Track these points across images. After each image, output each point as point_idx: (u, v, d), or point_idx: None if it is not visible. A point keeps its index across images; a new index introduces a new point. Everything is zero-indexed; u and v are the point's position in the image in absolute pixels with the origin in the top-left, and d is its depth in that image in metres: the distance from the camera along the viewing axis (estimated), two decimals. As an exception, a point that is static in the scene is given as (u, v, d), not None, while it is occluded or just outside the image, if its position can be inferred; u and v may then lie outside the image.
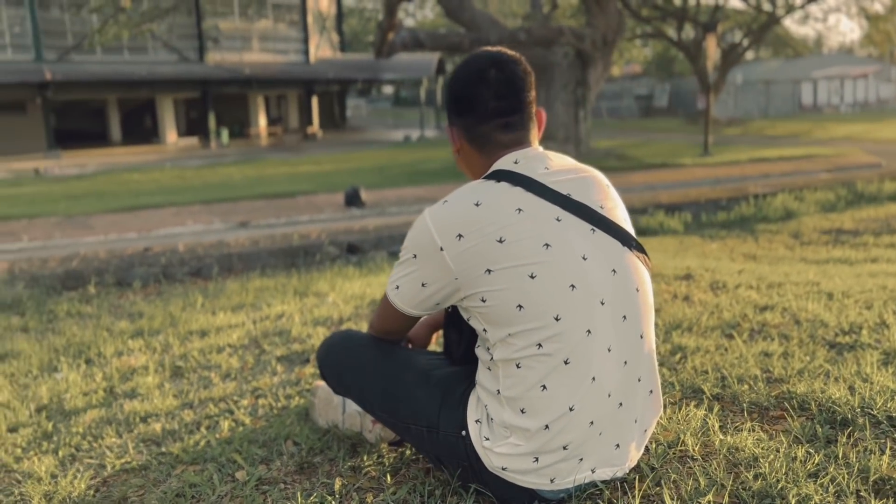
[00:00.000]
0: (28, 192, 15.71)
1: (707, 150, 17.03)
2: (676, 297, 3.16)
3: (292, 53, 24.51)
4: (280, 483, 1.84)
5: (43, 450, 2.20)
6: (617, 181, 7.24)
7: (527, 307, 1.49)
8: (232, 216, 11.15)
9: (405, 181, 15.65)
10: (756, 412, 1.98)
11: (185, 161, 19.31)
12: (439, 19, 33.82)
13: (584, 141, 17.94)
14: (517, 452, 1.55)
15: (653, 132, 24.75)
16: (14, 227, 11.35)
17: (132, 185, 15.83)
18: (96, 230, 10.49)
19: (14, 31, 20.21)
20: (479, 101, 1.62)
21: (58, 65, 20.24)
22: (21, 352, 3.41)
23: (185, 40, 22.43)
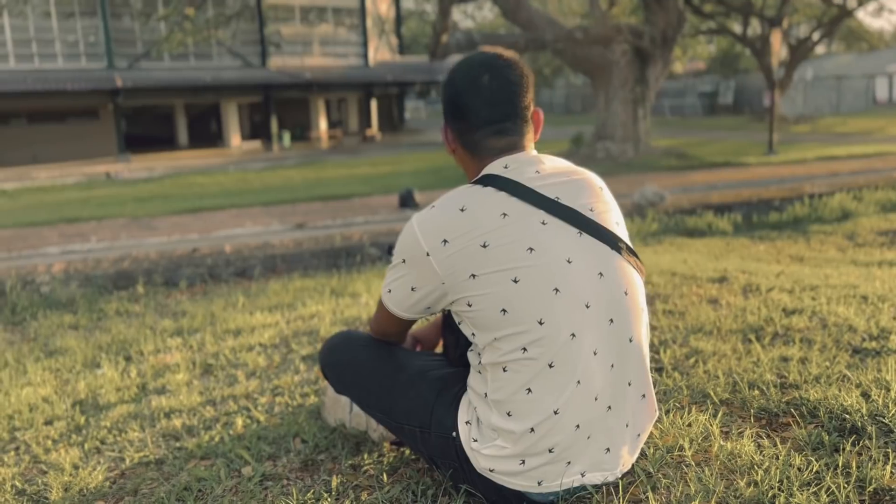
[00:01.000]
0: (99, 194, 16.37)
1: (772, 149, 16.54)
2: (704, 300, 3.10)
3: (352, 57, 24.87)
4: (283, 479, 1.89)
5: (71, 442, 2.31)
6: (676, 181, 7.29)
7: (510, 311, 1.50)
8: (289, 218, 11.39)
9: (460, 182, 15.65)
10: (765, 418, 1.93)
11: (248, 164, 19.81)
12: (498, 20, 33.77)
13: (643, 140, 17.66)
14: (504, 454, 1.56)
15: (716, 130, 24.18)
16: (84, 228, 11.84)
17: (196, 187, 16.32)
18: (160, 231, 10.87)
19: (88, 40, 21.09)
20: (470, 109, 1.63)
21: (128, 72, 21.02)
22: (68, 348, 3.58)
23: (249, 46, 23.00)
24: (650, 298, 3.21)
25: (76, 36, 20.97)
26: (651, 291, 3.31)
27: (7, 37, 20.21)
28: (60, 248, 10.28)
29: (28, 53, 20.52)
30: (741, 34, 25.23)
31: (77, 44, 21.02)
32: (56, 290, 4.67)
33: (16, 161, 20.86)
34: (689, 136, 22.22)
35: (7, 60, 20.24)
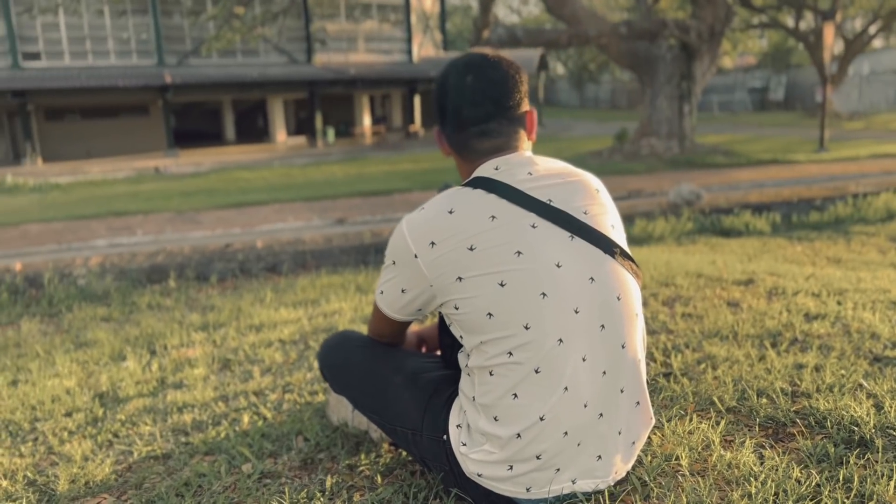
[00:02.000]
0: (147, 189, 16.76)
1: (823, 146, 16.11)
2: (726, 303, 3.02)
3: (396, 53, 24.96)
4: (282, 477, 1.91)
5: (86, 434, 2.37)
6: (721, 178, 7.15)
7: (496, 315, 1.49)
8: (330, 213, 11.50)
9: (501, 178, 15.63)
10: (771, 427, 1.88)
11: (293, 159, 20.06)
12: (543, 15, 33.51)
13: (689, 136, 17.36)
14: (491, 460, 1.54)
15: (766, 127, 23.63)
16: (131, 221, 12.14)
17: (241, 182, 16.58)
18: (204, 226, 11.09)
19: (139, 37, 21.58)
20: (454, 110, 1.61)
21: (177, 69, 21.46)
22: (98, 341, 3.67)
23: (294, 43, 23.27)
24: (670, 300, 3.15)
25: (128, 33, 21.48)
26: (673, 293, 3.24)
27: (62, 34, 20.80)
28: (107, 241, 10.55)
29: (82, 51, 21.09)
30: (793, 28, 24.58)
31: (129, 41, 21.53)
32: (92, 283, 4.80)
33: (70, 155, 21.49)
34: (737, 133, 21.76)
35: (62, 57, 20.84)
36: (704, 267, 3.82)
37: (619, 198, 11.51)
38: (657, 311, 2.97)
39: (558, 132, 25.70)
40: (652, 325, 2.79)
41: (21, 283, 4.80)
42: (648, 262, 4.09)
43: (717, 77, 31.69)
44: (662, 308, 3.03)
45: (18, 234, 11.38)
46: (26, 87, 19.48)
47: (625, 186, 13.12)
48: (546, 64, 25.76)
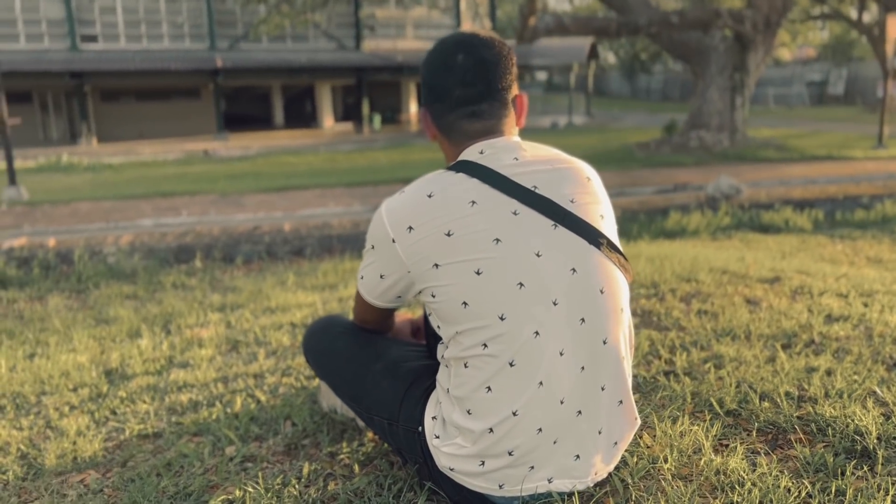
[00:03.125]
0: (195, 171, 17.04)
1: (882, 143, 15.52)
2: (745, 302, 2.91)
3: (442, 40, 24.86)
4: (264, 462, 1.89)
5: (85, 410, 2.39)
6: (771, 173, 6.93)
7: (471, 305, 1.43)
8: (371, 199, 11.52)
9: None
10: (770, 433, 1.79)
11: (338, 145, 20.17)
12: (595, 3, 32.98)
13: (740, 129, 16.90)
14: (463, 454, 1.49)
15: (823, 122, 22.88)
16: (176, 202, 12.36)
17: (286, 166, 16.76)
18: (247, 208, 11.22)
19: (192, 21, 21.93)
20: (444, 89, 1.55)
21: (228, 53, 21.75)
22: (118, 318, 3.72)
23: (344, 28, 23.37)
24: (688, 296, 3.04)
25: (182, 17, 21.84)
26: (693, 290, 3.13)
27: (119, 18, 21.26)
28: (152, 221, 10.76)
29: (137, 34, 21.53)
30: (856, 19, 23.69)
31: (182, 25, 21.90)
32: (121, 262, 4.88)
33: (124, 136, 22.00)
34: (791, 127, 21.13)
35: (118, 40, 21.31)
36: (731, 263, 3.69)
37: (663, 190, 11.31)
38: (672, 307, 2.86)
39: (607, 123, 25.31)
40: (664, 322, 2.70)
41: (53, 258, 4.90)
42: (674, 257, 3.97)
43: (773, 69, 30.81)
44: (679, 304, 2.92)
45: (69, 211, 11.69)
46: (83, 68, 19.98)
47: (671, 179, 12.85)
48: (597, 53, 25.36)
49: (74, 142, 21.37)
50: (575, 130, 22.60)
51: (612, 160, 16.47)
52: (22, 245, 5.15)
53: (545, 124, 23.90)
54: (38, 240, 5.51)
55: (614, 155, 17.45)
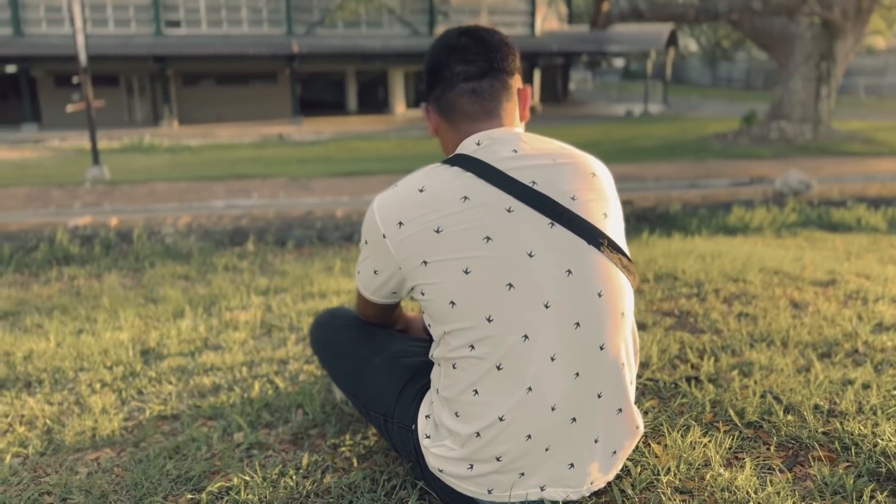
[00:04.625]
0: (268, 154, 17.41)
1: (981, 137, 14.56)
2: (791, 305, 2.75)
3: (519, 26, 24.58)
4: (269, 450, 1.90)
5: (115, 388, 2.45)
6: (855, 168, 6.63)
7: (459, 304, 1.39)
8: (433, 186, 11.51)
9: (615, 158, 15.19)
10: (791, 449, 1.68)
11: (408, 131, 20.25)
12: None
13: (825, 121, 16.14)
14: (452, 456, 1.46)
15: (918, 114, 21.62)
16: (248, 185, 12.65)
17: (356, 152, 16.93)
18: (315, 193, 11.40)
19: (270, 6, 22.34)
20: (446, 67, 1.51)
21: (305, 38, 22.08)
22: (167, 297, 3.81)
23: (417, 14, 23.38)
24: (731, 298, 2.91)
25: (261, 2, 22.27)
26: (738, 290, 2.99)
27: (201, 3, 21.84)
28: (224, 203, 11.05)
29: (218, 19, 22.08)
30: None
31: (261, 10, 22.33)
32: (177, 242, 5.01)
33: (203, 119, 22.65)
34: (883, 120, 20.05)
35: (199, 25, 21.91)
36: (786, 263, 3.51)
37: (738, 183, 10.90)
38: (712, 309, 2.74)
39: (684, 112, 24.58)
40: (701, 324, 2.58)
41: (114, 237, 5.08)
42: (727, 255, 3.80)
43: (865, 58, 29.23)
44: (720, 306, 2.79)
45: (146, 191, 12.12)
46: (166, 53, 20.65)
47: (746, 171, 12.39)
48: (676, 40, 24.62)
49: (157, 124, 22.13)
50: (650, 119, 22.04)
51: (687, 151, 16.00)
52: (86, 223, 5.35)
53: (619, 113, 23.40)
54: (102, 218, 5.72)
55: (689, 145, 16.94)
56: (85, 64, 12.73)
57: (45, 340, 3.06)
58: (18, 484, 1.77)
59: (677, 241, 4.55)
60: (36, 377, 2.60)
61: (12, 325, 3.43)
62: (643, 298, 2.95)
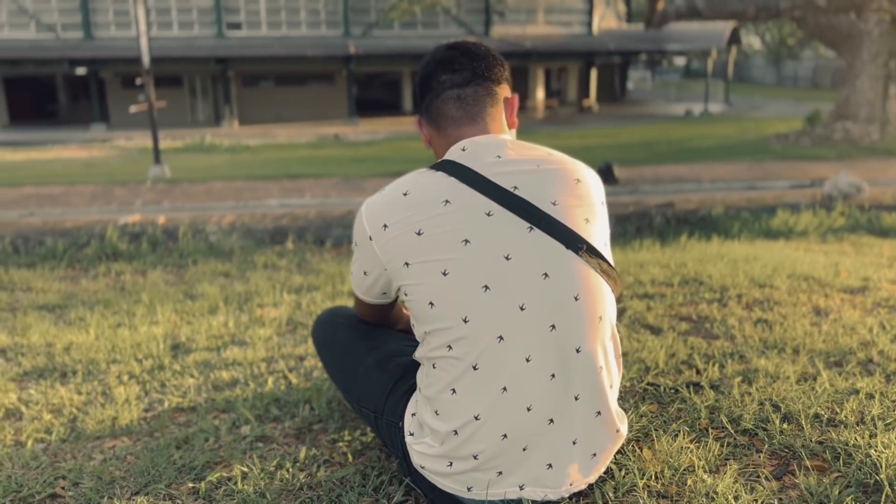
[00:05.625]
0: (323, 154, 17.72)
1: None
2: (813, 312, 2.70)
3: (576, 25, 24.40)
4: (273, 443, 1.97)
5: (140, 380, 2.56)
6: None
7: (437, 305, 1.43)
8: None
9: (670, 158, 14.98)
10: (784, 457, 1.66)
11: (463, 131, 20.31)
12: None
13: (893, 122, 15.58)
14: (432, 454, 1.50)
15: None
16: (302, 184, 12.91)
17: (409, 152, 17.09)
18: (366, 192, 11.56)
19: (328, 8, 22.72)
20: (433, 77, 1.58)
21: (361, 39, 22.39)
22: (204, 294, 3.95)
23: (473, 14, 23.44)
24: (753, 303, 2.86)
25: (319, 4, 22.67)
26: (762, 296, 2.94)
27: (261, 6, 22.35)
28: (278, 201, 11.31)
29: (277, 21, 22.57)
30: None
31: (319, 12, 22.74)
32: (220, 240, 5.17)
33: (262, 119, 23.17)
34: (956, 119, 19.15)
35: (260, 27, 22.43)
36: (819, 269, 3.43)
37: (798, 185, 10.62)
38: (730, 315, 2.71)
39: (745, 111, 24.01)
40: (715, 330, 2.56)
41: (161, 235, 5.27)
42: (759, 260, 3.73)
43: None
44: (740, 311, 2.76)
45: (204, 189, 12.49)
46: (228, 54, 21.21)
47: (807, 173, 12.05)
48: (738, 38, 24.04)
49: (218, 124, 22.73)
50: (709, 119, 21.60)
51: (745, 152, 15.65)
52: (136, 221, 5.57)
53: (678, 112, 23.00)
54: (151, 216, 5.94)
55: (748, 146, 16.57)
56: (148, 66, 13.18)
57: (85, 333, 3.21)
58: (37, 468, 1.88)
59: (714, 245, 4.48)
60: (71, 368, 2.74)
61: (58, 318, 3.61)
62: (663, 303, 2.93)
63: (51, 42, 21.58)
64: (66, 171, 15.39)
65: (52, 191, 12.32)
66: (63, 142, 20.44)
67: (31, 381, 2.62)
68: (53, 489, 1.76)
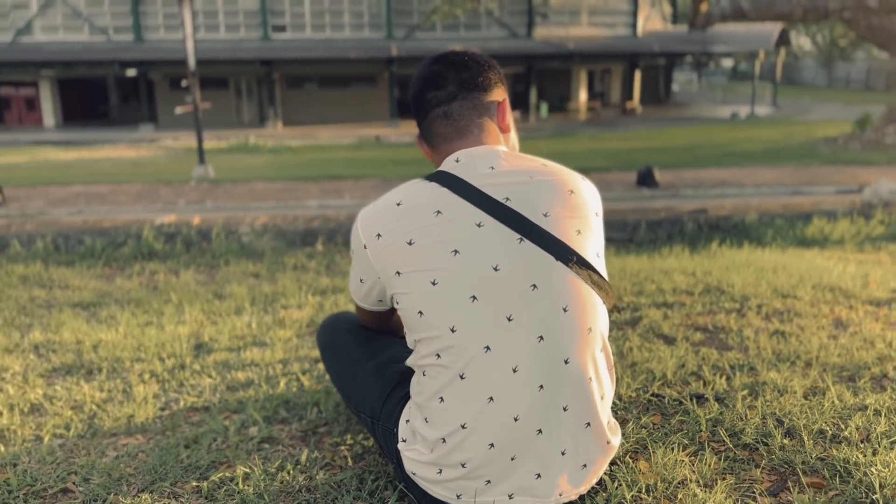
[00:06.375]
0: (364, 156, 17.88)
1: None
2: (833, 325, 2.64)
3: (620, 27, 24.17)
4: (279, 445, 2.01)
5: (161, 379, 2.64)
6: None
7: (426, 314, 1.45)
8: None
9: (713, 162, 14.77)
10: (783, 473, 1.64)
11: (503, 133, 20.29)
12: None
13: (947, 125, 15.07)
14: (422, 460, 1.53)
15: None
16: (341, 186, 13.06)
17: (454, 153, 17.09)
18: (402, 193, 11.62)
19: (371, 11, 22.91)
20: (420, 97, 1.61)
21: (403, 42, 22.53)
22: (232, 294, 4.03)
23: (516, 16, 23.39)
24: (771, 315, 2.82)
25: (362, 7, 22.88)
26: (783, 307, 2.89)
27: (306, 8, 22.65)
28: (317, 202, 11.46)
29: (321, 24, 22.85)
30: None
31: (362, 14, 22.95)
32: (252, 241, 5.27)
33: (306, 121, 23.48)
34: None
35: (304, 30, 22.73)
36: (847, 280, 3.35)
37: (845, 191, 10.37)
38: (746, 326, 2.67)
39: (794, 114, 23.49)
40: (730, 341, 2.52)
41: (195, 235, 5.39)
42: (786, 269, 3.67)
43: None
44: (758, 322, 2.71)
45: (246, 190, 12.72)
46: (272, 57, 21.55)
47: (855, 178, 11.78)
48: (787, 39, 23.54)
49: (262, 125, 23.10)
50: (756, 122, 21.20)
51: (791, 155, 15.35)
52: (171, 222, 5.71)
53: (724, 115, 22.62)
54: (186, 216, 6.08)
55: (795, 150, 16.24)
56: (193, 68, 13.46)
57: (114, 331, 3.31)
58: (52, 463, 1.96)
59: (743, 253, 4.41)
60: (97, 365, 2.83)
61: (91, 316, 3.72)
62: (681, 312, 2.90)
63: (103, 44, 22.19)
64: (115, 169, 15.82)
65: (100, 189, 12.68)
66: (113, 141, 21.02)
67: (59, 378, 2.72)
68: (65, 484, 1.82)
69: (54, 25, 22.44)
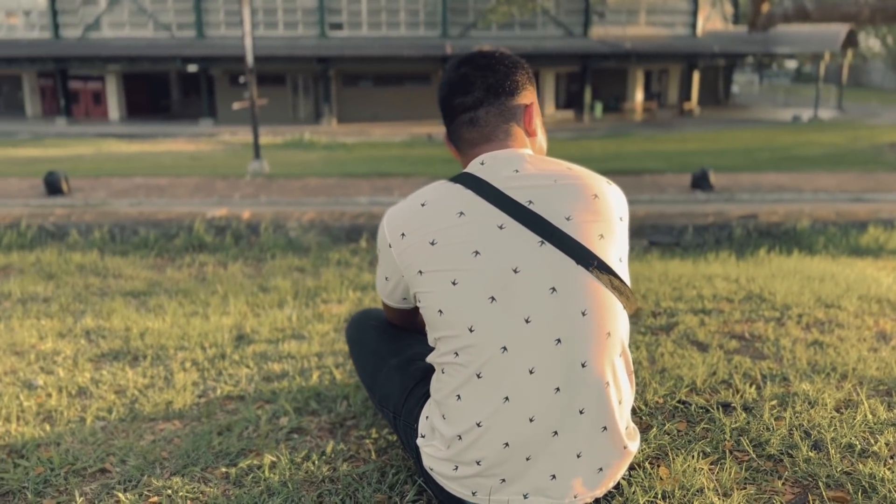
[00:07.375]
0: (415, 153, 17.99)
1: None
2: (875, 337, 2.57)
3: (679, 26, 23.77)
4: (307, 436, 2.07)
5: (201, 367, 2.72)
6: None
7: (446, 313, 1.48)
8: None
9: (771, 166, 14.43)
10: (807, 485, 1.62)
11: (556, 133, 20.18)
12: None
13: None
14: (439, 456, 1.55)
15: None
16: (391, 183, 13.19)
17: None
18: (452, 191, 11.68)
19: (427, 9, 23.02)
20: (447, 102, 1.62)
21: (458, 40, 22.57)
22: (277, 287, 4.13)
23: (572, 15, 23.21)
24: (811, 325, 2.76)
25: (418, 5, 23.01)
26: (825, 317, 2.83)
27: (363, 7, 22.89)
28: (368, 199, 11.60)
29: (377, 22, 23.06)
30: None
31: (418, 13, 23.08)
32: (299, 237, 5.38)
33: (360, 118, 23.74)
34: None
35: (360, 28, 22.97)
36: (893, 292, 3.26)
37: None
38: (784, 335, 2.62)
39: (859, 118, 22.76)
40: (766, 350, 2.48)
41: (244, 229, 5.53)
42: (833, 279, 3.58)
43: None
44: (797, 332, 2.66)
45: (300, 185, 12.94)
46: (329, 54, 21.85)
47: (921, 186, 11.39)
48: (855, 40, 22.81)
49: (317, 122, 23.44)
50: (818, 126, 20.62)
51: (855, 161, 14.90)
52: (222, 215, 5.86)
53: (786, 117, 22.06)
54: (237, 210, 6.23)
55: (858, 155, 15.75)
56: (251, 65, 13.74)
57: (161, 320, 3.42)
58: (93, 444, 2.05)
59: (791, 261, 4.31)
60: (143, 352, 2.93)
61: (141, 304, 3.86)
62: (718, 319, 2.86)
63: (166, 40, 22.82)
64: (174, 163, 16.27)
65: (159, 182, 13.06)
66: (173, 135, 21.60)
67: (106, 363, 2.83)
68: (103, 464, 1.91)
69: (121, 22, 23.17)
